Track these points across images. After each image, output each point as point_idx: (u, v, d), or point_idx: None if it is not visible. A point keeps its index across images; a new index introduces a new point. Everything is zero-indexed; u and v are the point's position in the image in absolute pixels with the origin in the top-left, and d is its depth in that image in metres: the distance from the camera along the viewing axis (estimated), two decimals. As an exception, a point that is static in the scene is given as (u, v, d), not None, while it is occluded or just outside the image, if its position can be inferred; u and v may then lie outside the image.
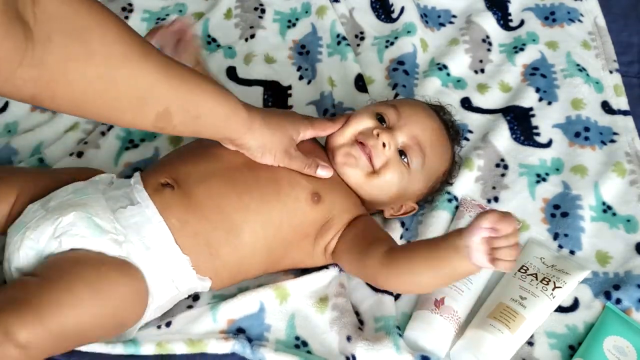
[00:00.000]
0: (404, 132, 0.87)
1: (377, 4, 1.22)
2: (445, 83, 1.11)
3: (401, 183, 0.87)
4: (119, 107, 0.68)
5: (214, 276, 0.81)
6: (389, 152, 0.86)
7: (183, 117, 0.72)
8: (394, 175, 0.86)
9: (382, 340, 0.80)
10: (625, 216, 0.96)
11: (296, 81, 1.11)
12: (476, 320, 0.84)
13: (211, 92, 0.74)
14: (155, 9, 1.19)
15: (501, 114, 1.07)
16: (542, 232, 0.95)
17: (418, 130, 0.88)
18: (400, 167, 0.87)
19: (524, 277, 0.88)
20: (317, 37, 1.16)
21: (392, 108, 0.90)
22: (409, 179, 0.88)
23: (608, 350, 0.82)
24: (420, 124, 0.89)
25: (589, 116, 1.07)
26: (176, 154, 0.89)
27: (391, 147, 0.86)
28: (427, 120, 0.91)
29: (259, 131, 0.80)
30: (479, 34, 1.18)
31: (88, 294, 0.71)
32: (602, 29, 1.19)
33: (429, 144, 0.89)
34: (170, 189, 0.80)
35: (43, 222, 0.76)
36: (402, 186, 0.87)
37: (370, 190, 0.87)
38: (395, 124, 0.88)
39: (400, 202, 0.90)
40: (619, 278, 0.90)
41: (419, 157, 0.88)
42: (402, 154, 0.87)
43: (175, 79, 0.70)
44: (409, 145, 0.87)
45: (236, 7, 1.20)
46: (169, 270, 0.78)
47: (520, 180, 1.00)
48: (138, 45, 0.66)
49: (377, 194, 0.88)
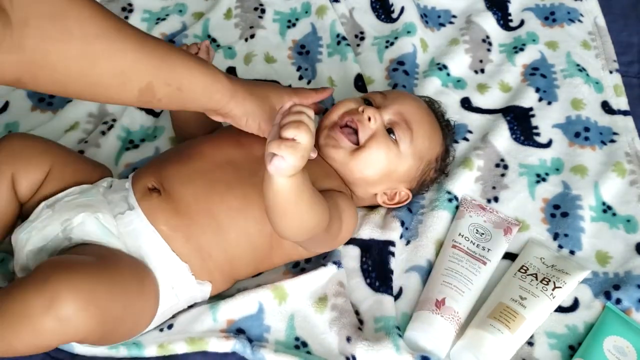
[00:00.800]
0: (390, 109, 0.88)
1: (377, 4, 1.22)
2: (445, 83, 1.11)
3: (389, 158, 0.87)
4: (102, 84, 0.68)
5: (211, 279, 0.81)
6: (375, 125, 0.86)
7: (166, 90, 0.72)
8: (381, 149, 0.86)
9: (382, 340, 0.80)
10: (625, 216, 0.96)
11: (296, 81, 1.11)
12: (476, 320, 0.84)
13: (191, 64, 0.74)
14: (155, 9, 1.19)
15: (501, 114, 1.07)
16: (542, 232, 0.95)
17: (404, 108, 0.89)
18: (387, 141, 0.86)
19: (524, 277, 0.88)
20: (317, 37, 1.16)
21: (379, 93, 0.92)
22: (398, 156, 0.87)
23: (608, 351, 0.82)
24: (407, 104, 0.90)
25: (589, 116, 1.07)
26: (163, 155, 0.89)
27: (377, 120, 0.86)
28: (413, 102, 0.92)
29: (242, 98, 0.79)
30: (479, 34, 1.18)
31: (135, 285, 0.72)
32: (602, 29, 1.19)
33: (416, 120, 0.89)
34: (157, 193, 0.80)
35: (50, 222, 0.76)
36: (391, 163, 0.87)
37: (356, 167, 0.86)
38: (382, 104, 0.89)
39: (392, 184, 0.89)
40: (619, 278, 0.90)
41: (406, 132, 0.87)
42: (390, 132, 0.87)
43: (155, 53, 0.70)
44: (396, 122, 0.88)
45: (236, 7, 1.20)
46: (169, 278, 0.78)
47: (520, 180, 1.00)
48: (114, 22, 0.67)
49: (365, 171, 0.87)
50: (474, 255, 0.89)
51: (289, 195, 0.68)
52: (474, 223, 0.93)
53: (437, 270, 0.89)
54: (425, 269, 0.90)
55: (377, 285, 0.87)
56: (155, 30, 1.16)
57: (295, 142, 0.64)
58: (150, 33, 1.14)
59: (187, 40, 1.13)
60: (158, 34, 1.15)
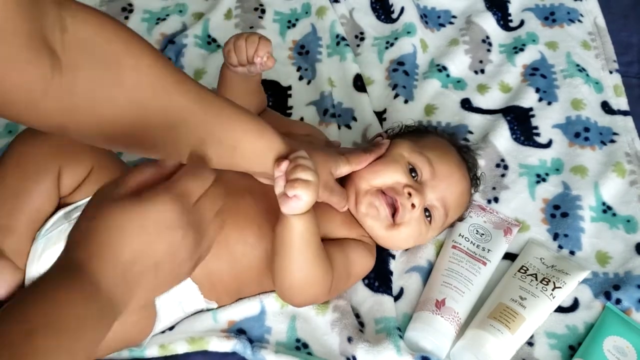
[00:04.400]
0: (435, 193, 0.84)
1: (377, 5, 1.22)
2: (445, 84, 1.11)
3: (418, 238, 0.86)
4: (150, 137, 0.64)
5: (217, 300, 0.82)
6: (415, 213, 0.83)
7: (218, 149, 0.68)
8: (413, 232, 0.84)
9: (382, 341, 0.80)
10: (625, 216, 0.96)
11: (296, 81, 1.11)
12: (476, 320, 0.84)
13: (248, 124, 0.71)
14: (155, 9, 1.19)
15: (501, 114, 1.07)
16: (542, 233, 0.95)
17: (449, 192, 0.85)
18: (421, 224, 0.84)
19: (524, 278, 0.88)
20: (316, 37, 1.16)
21: (427, 162, 0.85)
22: (427, 232, 0.86)
23: (608, 351, 0.82)
24: (453, 188, 0.86)
25: (589, 116, 1.07)
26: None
27: (418, 208, 0.83)
28: (459, 183, 0.87)
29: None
30: (478, 34, 1.18)
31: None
32: (602, 29, 1.19)
33: (454, 206, 0.87)
34: None
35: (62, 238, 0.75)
36: (419, 238, 0.86)
37: (387, 241, 0.86)
38: (428, 181, 0.84)
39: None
40: (619, 278, 0.90)
41: (442, 218, 0.86)
42: (427, 211, 0.85)
43: (211, 109, 0.67)
44: (436, 207, 0.85)
45: (236, 8, 1.20)
46: (178, 294, 0.78)
47: (520, 180, 1.00)
48: (172, 72, 0.64)
49: (392, 245, 0.88)
50: (474, 256, 0.89)
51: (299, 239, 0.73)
52: (474, 223, 0.93)
53: (437, 270, 0.89)
54: (426, 269, 0.90)
55: (377, 285, 0.87)
56: (155, 30, 1.15)
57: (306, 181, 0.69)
58: (150, 33, 1.15)
59: (187, 40, 1.13)
60: (158, 34, 1.15)
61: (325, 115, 1.06)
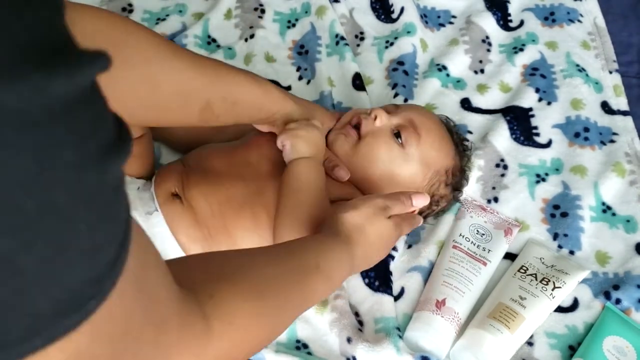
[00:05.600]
0: (400, 115, 0.89)
1: (377, 4, 1.22)
2: (445, 84, 1.11)
3: (390, 156, 0.86)
4: (166, 107, 0.70)
5: None
6: (379, 124, 0.87)
7: (222, 106, 0.74)
8: (380, 144, 0.86)
9: (382, 341, 0.80)
10: (625, 216, 0.97)
11: (296, 81, 1.11)
12: (476, 320, 0.84)
13: (244, 78, 0.77)
14: (155, 9, 1.19)
15: (501, 114, 1.07)
16: (542, 232, 0.95)
17: (414, 115, 0.89)
18: (389, 140, 0.86)
19: (524, 277, 0.88)
20: (316, 37, 1.16)
21: (393, 105, 0.92)
22: (401, 157, 0.86)
23: (607, 351, 0.82)
24: (418, 112, 0.90)
25: (589, 116, 1.07)
26: (187, 158, 0.89)
27: (382, 120, 0.87)
28: (426, 112, 0.92)
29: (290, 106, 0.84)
30: (478, 34, 1.18)
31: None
32: (601, 29, 1.19)
33: (425, 127, 0.88)
34: (179, 201, 0.81)
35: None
36: (393, 163, 0.86)
37: (358, 161, 0.87)
38: (393, 111, 0.90)
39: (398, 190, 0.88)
40: (619, 278, 0.90)
41: (412, 135, 0.87)
42: (398, 136, 0.87)
43: (209, 71, 0.72)
44: (404, 125, 0.87)
45: (236, 8, 1.20)
46: None
47: (520, 180, 1.00)
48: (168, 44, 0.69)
49: (366, 167, 0.87)
50: (474, 256, 0.89)
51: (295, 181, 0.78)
52: (474, 224, 0.93)
53: (437, 270, 0.89)
54: (426, 269, 0.90)
55: (377, 285, 0.87)
56: (155, 30, 1.15)
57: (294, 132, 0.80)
58: (151, 33, 1.15)
59: (187, 40, 1.13)
60: (158, 34, 1.15)
61: (325, 115, 1.06)
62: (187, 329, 0.45)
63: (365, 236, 0.72)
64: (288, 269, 0.61)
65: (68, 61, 0.27)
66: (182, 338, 0.44)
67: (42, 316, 0.29)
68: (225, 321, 0.49)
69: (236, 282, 0.53)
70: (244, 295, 0.52)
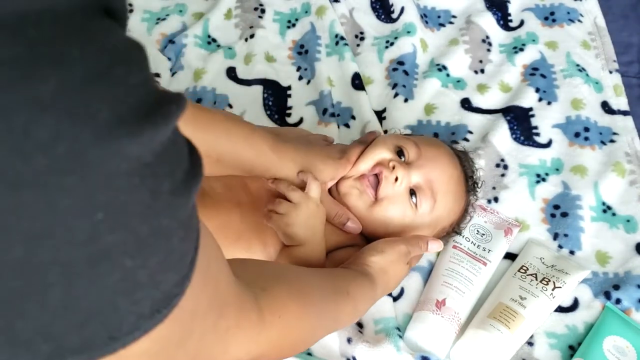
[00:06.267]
0: (421, 172, 0.83)
1: (377, 4, 1.22)
2: (445, 84, 1.11)
3: (403, 221, 0.83)
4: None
5: None
6: (399, 188, 0.82)
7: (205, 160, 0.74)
8: (397, 210, 0.82)
9: (382, 341, 0.80)
10: (625, 216, 0.96)
11: (295, 81, 1.11)
12: (476, 320, 0.84)
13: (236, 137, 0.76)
14: (155, 9, 1.19)
15: (501, 114, 1.07)
16: (542, 232, 0.95)
17: (435, 174, 0.84)
18: (405, 204, 0.82)
19: (524, 277, 0.88)
20: (315, 37, 1.16)
21: (413, 144, 0.85)
22: (413, 220, 0.84)
23: (608, 350, 0.82)
24: (439, 169, 0.85)
25: (589, 116, 1.07)
26: None
27: (403, 184, 0.82)
28: (447, 167, 0.86)
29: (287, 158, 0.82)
30: (478, 34, 1.18)
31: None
32: (601, 29, 1.19)
33: (442, 191, 0.84)
34: None
35: None
36: (404, 225, 0.84)
37: (370, 221, 0.84)
38: (414, 161, 0.84)
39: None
40: (619, 278, 0.90)
41: (428, 202, 0.83)
42: (413, 193, 0.83)
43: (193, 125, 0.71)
44: (422, 188, 0.83)
45: (236, 7, 1.20)
46: None
47: (520, 180, 1.00)
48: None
49: (376, 227, 0.84)
50: (474, 256, 0.89)
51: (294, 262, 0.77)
52: (474, 224, 0.93)
53: (437, 270, 0.89)
54: (426, 269, 0.90)
55: (377, 285, 0.87)
56: (155, 30, 1.16)
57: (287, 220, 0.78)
58: (151, 33, 1.15)
59: (187, 40, 1.13)
60: (158, 34, 1.15)
61: (325, 115, 1.06)
62: (244, 315, 0.49)
63: (388, 278, 0.78)
64: (327, 286, 0.66)
65: (167, 112, 0.32)
66: (239, 323, 0.48)
67: (143, 315, 0.35)
68: (276, 314, 0.53)
69: (287, 283, 0.58)
70: (292, 295, 0.57)
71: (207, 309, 0.43)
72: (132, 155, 0.31)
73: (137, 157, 0.31)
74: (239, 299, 0.48)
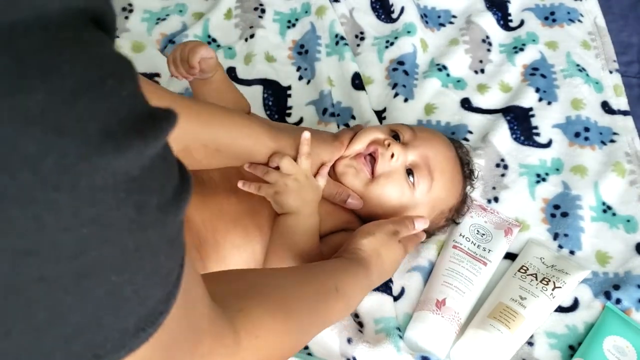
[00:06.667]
0: (416, 150, 0.84)
1: (377, 4, 1.22)
2: (445, 83, 1.11)
3: (401, 200, 0.83)
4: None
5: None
6: (395, 164, 0.82)
7: (204, 152, 0.73)
8: (394, 188, 0.83)
9: (382, 341, 0.80)
10: (625, 216, 0.96)
11: (296, 81, 1.11)
12: (476, 320, 0.84)
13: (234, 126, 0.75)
14: (155, 9, 1.19)
15: (501, 114, 1.07)
16: (542, 232, 0.95)
17: (431, 152, 0.84)
18: (402, 182, 0.83)
19: (524, 277, 0.88)
20: (315, 36, 1.16)
21: (408, 128, 0.87)
22: (410, 199, 0.84)
23: (608, 350, 0.82)
24: (435, 148, 0.86)
25: (589, 116, 1.07)
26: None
27: (399, 160, 0.82)
28: (442, 147, 0.87)
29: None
30: (478, 34, 1.18)
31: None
32: (601, 29, 1.19)
33: (439, 169, 0.84)
34: None
35: None
36: (402, 206, 0.84)
37: (366, 199, 0.83)
38: (410, 142, 0.85)
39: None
40: (619, 278, 0.90)
41: (425, 179, 0.83)
42: (410, 172, 0.83)
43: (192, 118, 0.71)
44: (419, 165, 0.83)
45: (236, 7, 1.20)
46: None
47: (520, 180, 1.00)
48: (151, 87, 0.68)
49: (374, 205, 0.84)
50: (474, 256, 0.89)
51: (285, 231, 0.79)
52: (475, 224, 0.93)
53: (437, 270, 0.89)
54: (427, 269, 0.90)
55: (377, 285, 0.87)
56: (155, 30, 1.16)
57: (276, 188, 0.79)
58: (151, 33, 1.15)
59: (187, 40, 1.13)
60: (158, 34, 1.15)
61: (325, 115, 1.06)
62: (218, 339, 0.48)
63: (382, 260, 0.77)
64: (311, 290, 0.65)
65: (156, 126, 0.32)
66: (213, 348, 0.47)
67: (128, 331, 0.34)
68: (252, 334, 0.52)
69: (264, 299, 0.57)
70: (270, 311, 0.56)
71: (187, 334, 0.42)
72: (120, 169, 0.30)
73: (125, 171, 0.31)
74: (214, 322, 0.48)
